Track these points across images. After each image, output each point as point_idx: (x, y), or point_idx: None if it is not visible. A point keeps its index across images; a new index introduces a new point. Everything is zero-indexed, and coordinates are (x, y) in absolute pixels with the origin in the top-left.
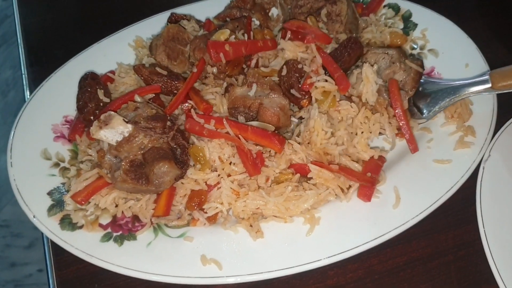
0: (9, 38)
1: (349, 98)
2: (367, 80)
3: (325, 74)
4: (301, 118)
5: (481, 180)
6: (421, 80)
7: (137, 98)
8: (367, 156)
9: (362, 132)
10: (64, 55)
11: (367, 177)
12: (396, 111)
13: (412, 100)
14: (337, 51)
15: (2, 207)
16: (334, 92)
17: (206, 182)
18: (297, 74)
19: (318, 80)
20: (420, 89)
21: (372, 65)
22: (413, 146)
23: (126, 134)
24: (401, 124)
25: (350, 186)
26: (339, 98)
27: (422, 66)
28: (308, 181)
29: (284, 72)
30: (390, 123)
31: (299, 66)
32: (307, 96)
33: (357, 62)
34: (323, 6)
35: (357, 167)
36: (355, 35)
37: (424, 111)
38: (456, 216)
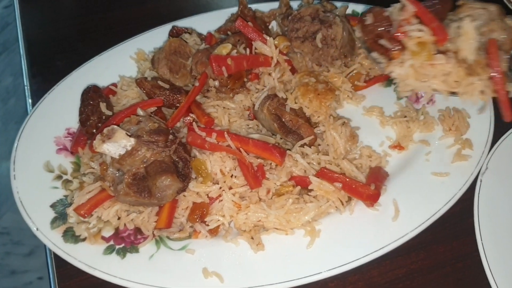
0: (10, 45)
1: (443, 53)
2: (467, 35)
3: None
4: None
5: (478, 193)
6: None
7: (140, 111)
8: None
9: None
10: (66, 66)
11: (370, 194)
12: (494, 73)
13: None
14: (426, 2)
15: (2, 214)
16: (431, 44)
17: (208, 195)
18: (386, 23)
19: (413, 30)
20: None
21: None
22: (508, 113)
23: (129, 148)
24: (497, 88)
25: (350, 199)
26: (434, 51)
27: None
28: (309, 193)
29: (369, 21)
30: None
31: (385, 14)
32: (399, 46)
33: (450, 16)
34: (318, 29)
35: (362, 178)
36: (350, 59)
37: None
38: (454, 229)
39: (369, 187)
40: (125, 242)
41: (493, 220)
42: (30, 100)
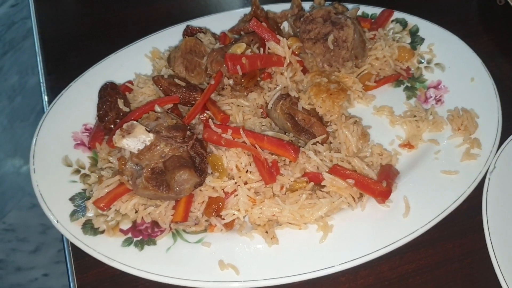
0: (16, 44)
1: None
2: None
3: None
4: None
5: (487, 191)
6: None
7: (157, 108)
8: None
9: None
10: (80, 63)
11: (382, 190)
12: None
13: None
14: None
15: (8, 211)
16: None
17: (223, 190)
18: None
19: None
20: None
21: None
22: None
23: (148, 143)
24: None
25: (362, 195)
26: None
27: None
28: (322, 189)
29: None
30: None
31: None
32: None
33: None
34: (330, 31)
35: (373, 175)
36: (360, 60)
37: None
38: (463, 225)
39: (380, 184)
40: (142, 234)
41: (501, 217)
42: (46, 97)
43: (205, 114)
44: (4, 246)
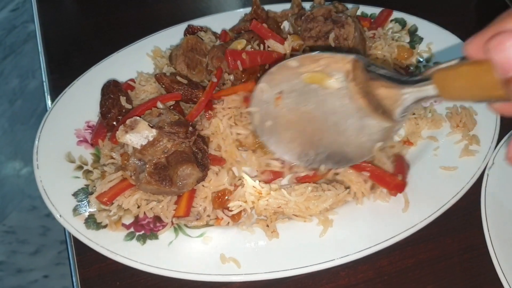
0: (17, 47)
1: None
2: None
3: None
4: None
5: (485, 186)
6: None
7: (160, 105)
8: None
9: None
10: (82, 63)
11: (397, 183)
12: None
13: None
14: None
15: (8, 213)
16: None
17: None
18: None
19: None
20: None
21: None
22: None
23: (151, 139)
24: None
25: (374, 186)
26: None
27: None
28: (336, 177)
29: None
30: None
31: None
32: None
33: None
34: (331, 29)
35: (390, 168)
36: None
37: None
38: (462, 221)
39: (396, 177)
40: (144, 229)
41: (499, 212)
42: (48, 96)
43: (210, 112)
44: (5, 248)
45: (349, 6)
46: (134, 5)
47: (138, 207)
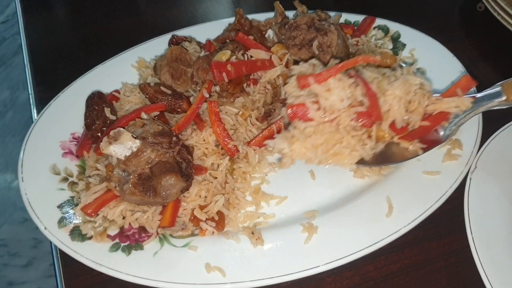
0: (7, 59)
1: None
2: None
3: None
4: None
5: (468, 190)
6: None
7: (144, 115)
8: None
9: None
10: (69, 75)
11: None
12: None
13: None
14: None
15: (0, 226)
16: None
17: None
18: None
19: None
20: None
21: None
22: None
23: (135, 149)
24: None
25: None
26: None
27: None
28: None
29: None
30: None
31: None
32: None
33: None
34: (315, 37)
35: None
36: None
37: (441, 132)
38: (446, 225)
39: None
40: (130, 240)
41: (482, 215)
42: (34, 108)
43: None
44: None
45: (332, 14)
46: (121, 15)
47: (123, 218)
